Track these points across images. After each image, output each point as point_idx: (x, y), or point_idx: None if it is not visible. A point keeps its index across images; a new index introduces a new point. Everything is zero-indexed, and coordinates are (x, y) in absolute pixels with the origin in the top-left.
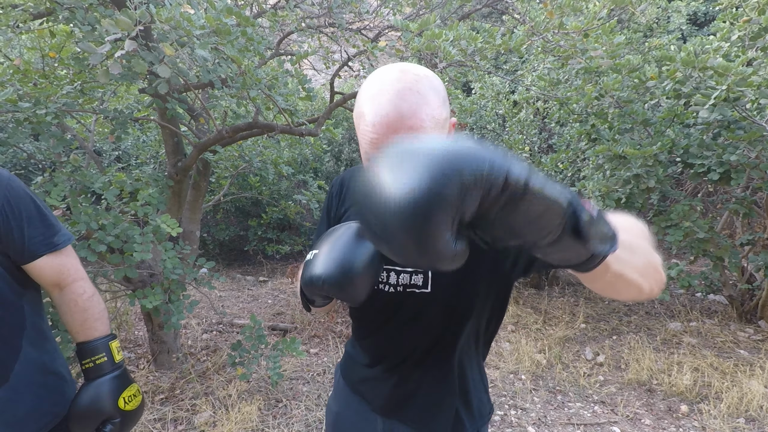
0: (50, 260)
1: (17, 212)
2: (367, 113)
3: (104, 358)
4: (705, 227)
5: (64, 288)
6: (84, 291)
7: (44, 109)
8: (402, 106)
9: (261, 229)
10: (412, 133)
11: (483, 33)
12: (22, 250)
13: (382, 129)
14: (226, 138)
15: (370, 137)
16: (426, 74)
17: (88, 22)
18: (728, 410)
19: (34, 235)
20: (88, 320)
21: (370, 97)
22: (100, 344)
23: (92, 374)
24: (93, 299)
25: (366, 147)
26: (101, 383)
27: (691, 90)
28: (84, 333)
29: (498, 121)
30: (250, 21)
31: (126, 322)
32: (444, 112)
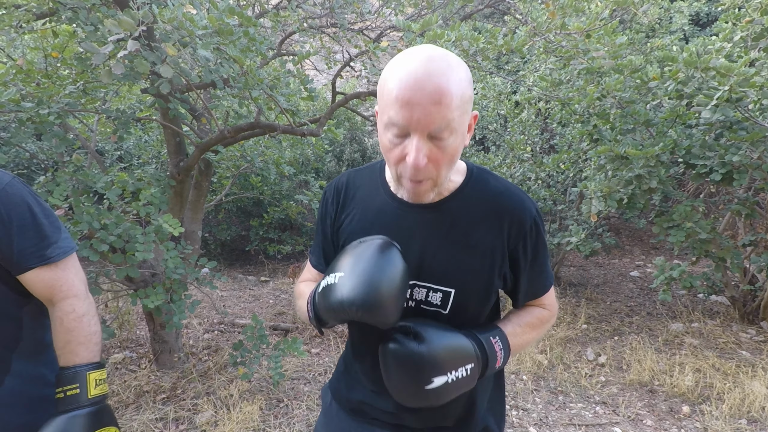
0: (41, 274)
1: (8, 221)
2: (394, 75)
3: (76, 390)
4: (707, 228)
5: (55, 304)
6: (73, 310)
7: (47, 109)
8: (430, 66)
9: (262, 229)
10: (438, 89)
11: (485, 33)
12: (11, 261)
13: (410, 83)
14: (228, 138)
15: (395, 93)
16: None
17: (90, 22)
18: (730, 411)
19: (25, 246)
20: (71, 343)
21: (398, 64)
22: (77, 373)
23: (60, 407)
24: (82, 320)
25: (389, 108)
26: (67, 420)
27: (693, 90)
28: (64, 357)
29: (500, 122)
30: (252, 21)
31: (128, 322)
32: (469, 89)
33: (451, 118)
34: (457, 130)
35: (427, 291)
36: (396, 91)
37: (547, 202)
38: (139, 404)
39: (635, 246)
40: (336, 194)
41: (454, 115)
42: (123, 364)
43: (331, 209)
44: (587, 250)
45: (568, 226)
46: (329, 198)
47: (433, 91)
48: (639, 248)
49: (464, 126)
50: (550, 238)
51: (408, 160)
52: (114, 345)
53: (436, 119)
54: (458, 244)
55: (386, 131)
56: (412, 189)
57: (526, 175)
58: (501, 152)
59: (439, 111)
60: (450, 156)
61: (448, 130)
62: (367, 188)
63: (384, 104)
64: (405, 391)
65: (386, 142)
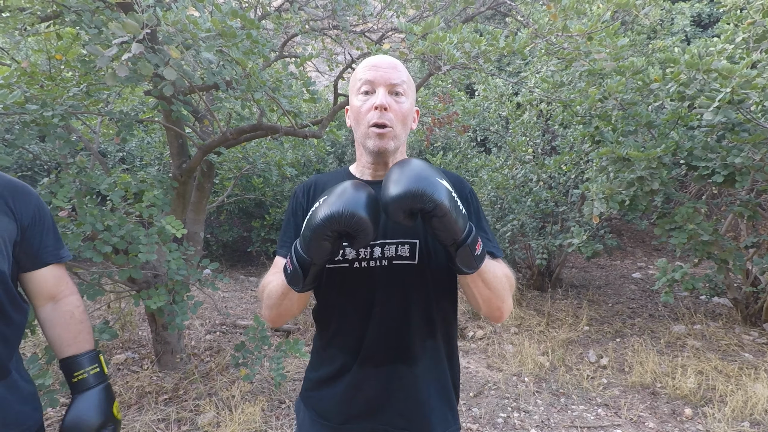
0: (54, 270)
1: (43, 219)
2: (361, 66)
3: (97, 369)
4: (709, 230)
5: (61, 300)
6: (80, 304)
7: (51, 111)
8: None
9: (264, 230)
10: (394, 62)
11: (486, 35)
12: (35, 255)
13: (373, 59)
14: (230, 140)
15: (363, 66)
16: None
17: (94, 25)
18: (733, 414)
19: (48, 244)
20: (83, 333)
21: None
22: (94, 356)
23: (85, 385)
24: (85, 313)
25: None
26: (97, 393)
27: (695, 92)
28: (77, 346)
29: (501, 123)
30: (255, 24)
31: (130, 323)
32: (413, 89)
33: (404, 80)
34: (408, 95)
35: (396, 246)
36: (365, 64)
37: (548, 204)
38: (141, 405)
39: (637, 247)
40: (306, 190)
41: (405, 80)
42: (125, 364)
43: (303, 201)
44: (589, 251)
45: (570, 228)
46: (300, 195)
47: (391, 61)
48: (641, 250)
49: (412, 100)
50: (551, 240)
51: (375, 101)
52: (116, 346)
53: (393, 76)
54: None
55: (357, 96)
56: (377, 136)
57: (527, 177)
58: (503, 153)
59: (395, 72)
60: (404, 114)
61: (402, 88)
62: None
63: (355, 82)
64: (418, 176)
65: (357, 103)
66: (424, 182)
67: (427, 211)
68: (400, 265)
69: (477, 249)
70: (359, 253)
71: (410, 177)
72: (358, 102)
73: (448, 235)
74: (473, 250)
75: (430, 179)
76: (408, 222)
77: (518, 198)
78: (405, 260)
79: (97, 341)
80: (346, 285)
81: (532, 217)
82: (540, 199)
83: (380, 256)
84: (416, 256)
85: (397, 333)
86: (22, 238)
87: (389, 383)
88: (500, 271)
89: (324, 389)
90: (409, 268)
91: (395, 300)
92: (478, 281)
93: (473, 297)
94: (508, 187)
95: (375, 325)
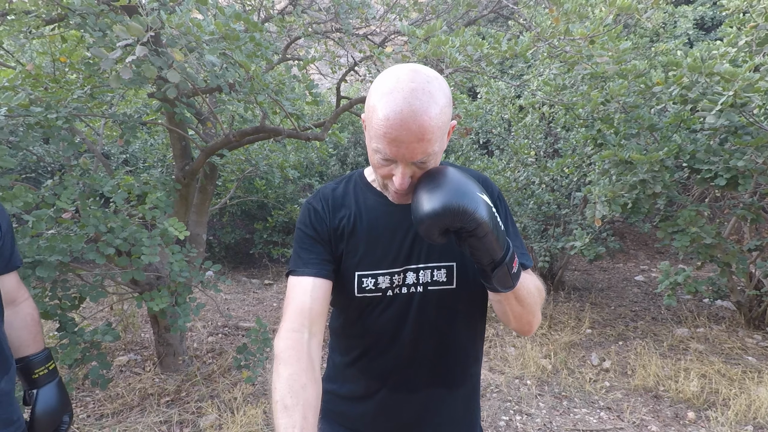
0: (15, 275)
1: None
2: (380, 108)
3: (53, 364)
4: (712, 233)
5: (21, 303)
6: (35, 307)
7: (55, 113)
8: (414, 103)
9: (267, 232)
10: (421, 128)
11: (489, 39)
12: (8, 258)
13: (396, 123)
14: (233, 142)
15: (383, 131)
16: (436, 76)
17: (99, 27)
18: (736, 417)
19: (15, 249)
20: (39, 333)
21: (385, 93)
22: (48, 354)
23: (46, 379)
24: (39, 316)
25: (376, 139)
26: (56, 385)
27: (697, 95)
28: (35, 345)
29: (504, 126)
30: (258, 26)
31: (132, 325)
32: (449, 112)
33: (432, 150)
34: (437, 153)
35: (431, 270)
36: (383, 129)
37: (551, 206)
38: (143, 407)
39: (640, 250)
40: (324, 201)
41: (434, 146)
42: (127, 366)
43: (324, 214)
44: (591, 254)
45: (572, 231)
46: (317, 207)
47: (417, 130)
48: (644, 253)
49: (444, 144)
50: (554, 243)
51: (395, 182)
52: (119, 347)
53: (418, 153)
54: None
55: (375, 153)
56: (397, 198)
57: (530, 179)
58: (505, 156)
59: (421, 146)
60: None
61: (429, 157)
62: (352, 194)
63: (372, 132)
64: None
65: (374, 161)
66: (464, 198)
67: (468, 231)
68: (436, 291)
69: (514, 266)
70: (392, 281)
71: (448, 191)
72: (374, 155)
73: (487, 255)
74: (511, 268)
75: (471, 194)
76: (441, 240)
77: (520, 200)
78: (442, 285)
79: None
80: (377, 314)
81: (535, 219)
82: (542, 202)
83: (415, 282)
84: (454, 280)
85: (436, 360)
86: (2, 243)
87: (426, 408)
88: (532, 284)
89: (350, 405)
90: (447, 293)
91: (433, 327)
92: (511, 298)
93: (504, 313)
94: (511, 190)
95: (409, 351)
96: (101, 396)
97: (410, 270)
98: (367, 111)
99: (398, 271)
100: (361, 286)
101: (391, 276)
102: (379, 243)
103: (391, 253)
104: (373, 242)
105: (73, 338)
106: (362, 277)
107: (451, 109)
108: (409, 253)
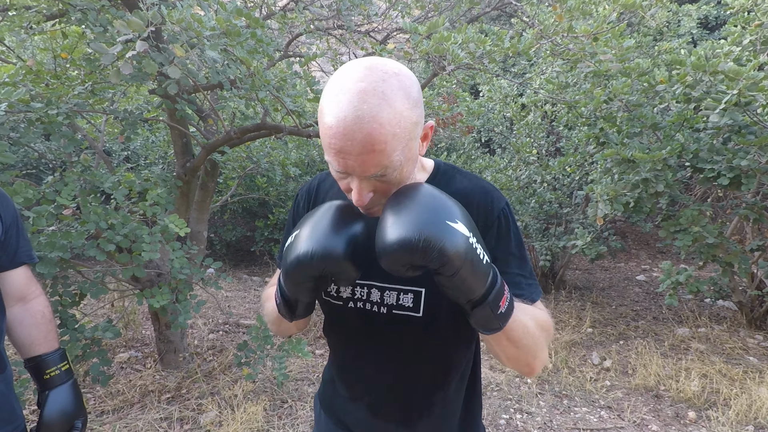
0: (26, 271)
1: (18, 220)
2: (326, 114)
3: (67, 366)
4: (714, 232)
5: (31, 300)
6: (48, 304)
7: (56, 109)
8: (362, 108)
9: (268, 229)
10: (369, 138)
11: (492, 36)
12: (13, 254)
13: (339, 133)
14: (234, 139)
15: (327, 141)
16: (396, 72)
17: (100, 23)
18: (737, 417)
19: (23, 244)
20: (52, 332)
21: (332, 96)
22: (62, 353)
23: (58, 381)
24: (52, 314)
25: (325, 150)
26: (70, 387)
27: (701, 94)
28: (47, 344)
29: (506, 124)
30: (260, 23)
31: (133, 322)
32: (413, 114)
33: (388, 162)
34: (399, 164)
35: (398, 293)
36: (328, 138)
37: (552, 205)
38: (144, 404)
39: (642, 250)
40: (308, 196)
41: (391, 157)
42: (128, 363)
43: (304, 203)
44: (593, 253)
45: (574, 230)
46: (301, 201)
47: (363, 140)
48: (645, 252)
49: (411, 152)
50: (555, 241)
51: (353, 198)
52: (119, 344)
53: (370, 166)
54: None
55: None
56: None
57: (531, 178)
58: (507, 155)
59: (373, 158)
60: (397, 183)
61: (387, 170)
62: (337, 189)
63: (322, 140)
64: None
65: (332, 170)
66: (428, 228)
67: (433, 268)
68: (401, 316)
69: (501, 306)
70: (354, 293)
71: (411, 221)
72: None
73: (461, 294)
74: (495, 308)
75: (438, 223)
76: (411, 274)
77: (522, 199)
78: (407, 311)
79: (99, 339)
80: (344, 322)
81: (536, 218)
82: (544, 201)
83: (378, 301)
84: (420, 308)
85: (396, 390)
86: (5, 238)
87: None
88: (533, 322)
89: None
90: (413, 320)
91: (395, 354)
92: (502, 339)
93: (496, 354)
94: (512, 189)
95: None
96: (102, 393)
97: (375, 287)
98: (318, 113)
99: (362, 284)
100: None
101: (353, 287)
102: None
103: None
104: None
105: (74, 335)
106: None
107: (419, 110)
108: (376, 267)
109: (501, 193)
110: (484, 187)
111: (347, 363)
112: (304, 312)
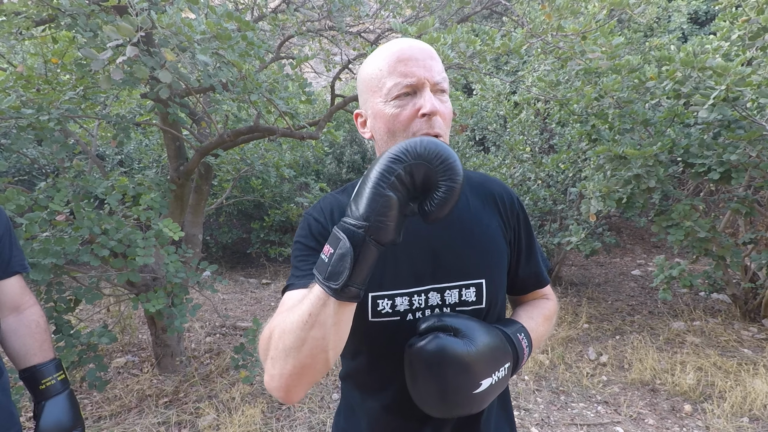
0: (19, 281)
1: (11, 230)
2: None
3: (63, 375)
4: (706, 227)
5: (25, 310)
6: (43, 314)
7: (47, 114)
8: (422, 46)
9: (263, 231)
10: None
11: (482, 35)
12: (7, 264)
13: (406, 47)
14: (228, 142)
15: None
16: None
17: (89, 28)
18: (732, 409)
19: (16, 253)
20: (46, 341)
21: (381, 49)
22: (58, 363)
23: (53, 391)
24: (47, 324)
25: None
26: (66, 397)
27: (690, 90)
28: (42, 354)
29: (499, 122)
30: (251, 25)
31: (129, 326)
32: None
33: (445, 75)
34: (447, 91)
35: (459, 289)
36: (396, 55)
37: (546, 202)
38: (141, 408)
39: (636, 245)
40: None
41: (445, 74)
42: (125, 368)
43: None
44: (588, 249)
45: (569, 226)
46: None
47: (427, 48)
48: (640, 247)
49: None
50: (550, 238)
51: (425, 106)
52: (116, 349)
53: (435, 71)
54: (469, 233)
55: (387, 102)
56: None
57: (525, 175)
58: (500, 152)
59: (436, 64)
60: (449, 115)
61: (445, 82)
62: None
63: (378, 81)
64: (448, 397)
65: (391, 111)
66: (464, 406)
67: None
68: (467, 312)
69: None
70: (411, 303)
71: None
72: (392, 109)
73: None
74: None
75: (477, 400)
76: None
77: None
78: (472, 306)
79: (95, 345)
80: (394, 344)
81: (531, 215)
82: (538, 198)
83: (439, 303)
84: (484, 299)
85: None
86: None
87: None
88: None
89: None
90: (477, 313)
91: None
92: None
93: None
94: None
95: None
96: (99, 398)
97: (433, 290)
98: (364, 79)
99: (419, 291)
100: (376, 309)
101: (410, 297)
102: (393, 258)
103: (410, 270)
104: (387, 257)
105: (70, 341)
106: (377, 298)
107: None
108: (432, 269)
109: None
110: (493, 178)
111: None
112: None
